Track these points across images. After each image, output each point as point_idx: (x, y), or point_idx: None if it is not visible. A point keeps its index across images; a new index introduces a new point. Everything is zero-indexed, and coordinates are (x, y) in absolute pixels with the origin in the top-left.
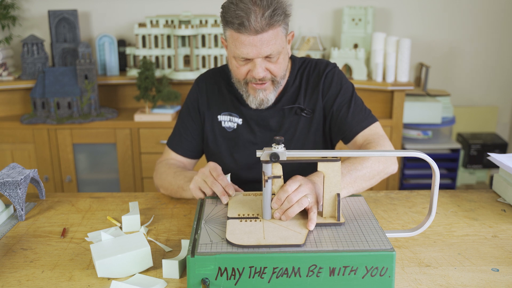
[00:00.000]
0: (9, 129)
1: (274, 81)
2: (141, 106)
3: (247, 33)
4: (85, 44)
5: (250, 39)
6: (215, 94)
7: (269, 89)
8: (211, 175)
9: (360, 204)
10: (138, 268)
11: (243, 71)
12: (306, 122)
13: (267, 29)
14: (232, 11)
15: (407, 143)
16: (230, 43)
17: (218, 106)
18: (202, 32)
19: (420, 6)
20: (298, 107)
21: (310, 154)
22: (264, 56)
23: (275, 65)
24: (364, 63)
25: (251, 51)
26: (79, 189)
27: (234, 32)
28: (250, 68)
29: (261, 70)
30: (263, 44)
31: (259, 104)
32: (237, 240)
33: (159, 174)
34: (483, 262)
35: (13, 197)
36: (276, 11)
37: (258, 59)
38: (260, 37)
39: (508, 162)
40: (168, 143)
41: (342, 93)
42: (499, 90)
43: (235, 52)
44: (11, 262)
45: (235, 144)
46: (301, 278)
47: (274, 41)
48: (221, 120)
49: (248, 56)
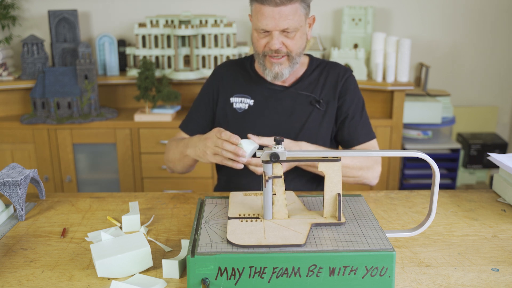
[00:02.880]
0: (9, 129)
1: (289, 56)
2: (141, 106)
3: (268, 5)
4: (85, 44)
5: (270, 10)
6: (230, 79)
7: (284, 64)
8: (218, 138)
9: (360, 204)
10: (138, 268)
11: (262, 43)
12: (319, 115)
13: (287, 3)
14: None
15: (407, 143)
16: (254, 16)
17: (232, 89)
18: (202, 32)
19: (420, 6)
20: (314, 97)
21: (310, 154)
22: (282, 29)
23: (291, 41)
24: (364, 63)
25: (270, 22)
26: (79, 189)
27: (258, 4)
28: (268, 41)
29: (277, 42)
30: (281, 17)
31: (274, 76)
32: (237, 240)
33: (166, 151)
34: (483, 262)
35: (13, 197)
36: None
37: (276, 32)
38: (279, 10)
39: (508, 162)
40: (181, 125)
41: (357, 102)
42: (499, 90)
43: (256, 24)
44: (11, 262)
45: (244, 125)
46: (301, 278)
47: (292, 17)
48: (233, 102)
49: (267, 28)
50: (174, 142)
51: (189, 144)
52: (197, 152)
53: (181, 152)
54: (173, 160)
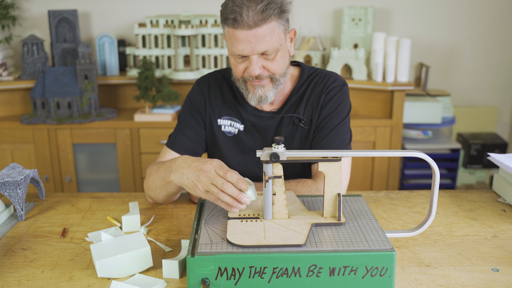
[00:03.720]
0: (9, 129)
1: (272, 78)
2: (141, 106)
3: (240, 28)
4: (85, 44)
5: (244, 34)
6: (217, 98)
7: (267, 86)
8: (218, 176)
9: (360, 204)
10: (138, 268)
11: (240, 68)
12: (304, 133)
13: (261, 24)
14: (229, 8)
15: (407, 143)
16: (228, 41)
17: (219, 110)
18: (202, 32)
19: (420, 6)
20: (297, 117)
21: (310, 154)
22: (260, 52)
23: (272, 63)
24: (364, 63)
25: (246, 47)
26: (79, 189)
27: (230, 28)
28: (247, 66)
29: (256, 68)
30: (257, 40)
31: (258, 101)
32: (237, 240)
33: (146, 177)
34: (483, 262)
35: (13, 197)
36: (270, 4)
37: (254, 56)
38: (254, 32)
39: (508, 162)
40: (167, 143)
41: (334, 114)
42: (499, 90)
43: (231, 49)
44: (11, 262)
45: (236, 150)
46: (301, 278)
47: (269, 37)
48: (221, 124)
49: (243, 53)
50: (154, 166)
51: (173, 168)
52: (183, 181)
53: (163, 178)
54: (154, 188)
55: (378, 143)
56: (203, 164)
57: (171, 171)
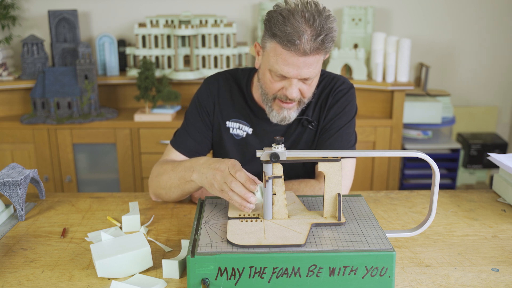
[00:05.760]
0: (9, 129)
1: (300, 101)
2: (141, 106)
3: (294, 52)
4: (85, 44)
5: (295, 59)
6: (227, 100)
7: (293, 108)
8: (230, 175)
9: (360, 204)
10: (138, 268)
11: (276, 86)
12: (311, 135)
13: (315, 53)
14: (281, 25)
15: (407, 143)
16: (271, 56)
17: (228, 112)
18: (202, 32)
19: (420, 6)
20: (306, 118)
21: (310, 154)
22: (303, 78)
23: (308, 87)
24: (364, 63)
25: (293, 71)
26: (79, 189)
27: (280, 47)
28: (284, 86)
29: (295, 91)
30: (305, 66)
31: (281, 120)
32: (237, 240)
33: (155, 175)
34: (483, 262)
35: (13, 197)
36: (328, 37)
37: (295, 80)
38: (305, 59)
39: (508, 162)
40: (172, 142)
41: (341, 116)
42: (499, 90)
43: (274, 67)
44: (11, 262)
45: (244, 153)
46: (301, 278)
47: (315, 66)
48: (229, 127)
49: (288, 75)
50: (168, 165)
51: (195, 169)
52: (203, 180)
53: (182, 177)
54: (168, 186)
55: (378, 143)
56: (220, 164)
57: (193, 171)
